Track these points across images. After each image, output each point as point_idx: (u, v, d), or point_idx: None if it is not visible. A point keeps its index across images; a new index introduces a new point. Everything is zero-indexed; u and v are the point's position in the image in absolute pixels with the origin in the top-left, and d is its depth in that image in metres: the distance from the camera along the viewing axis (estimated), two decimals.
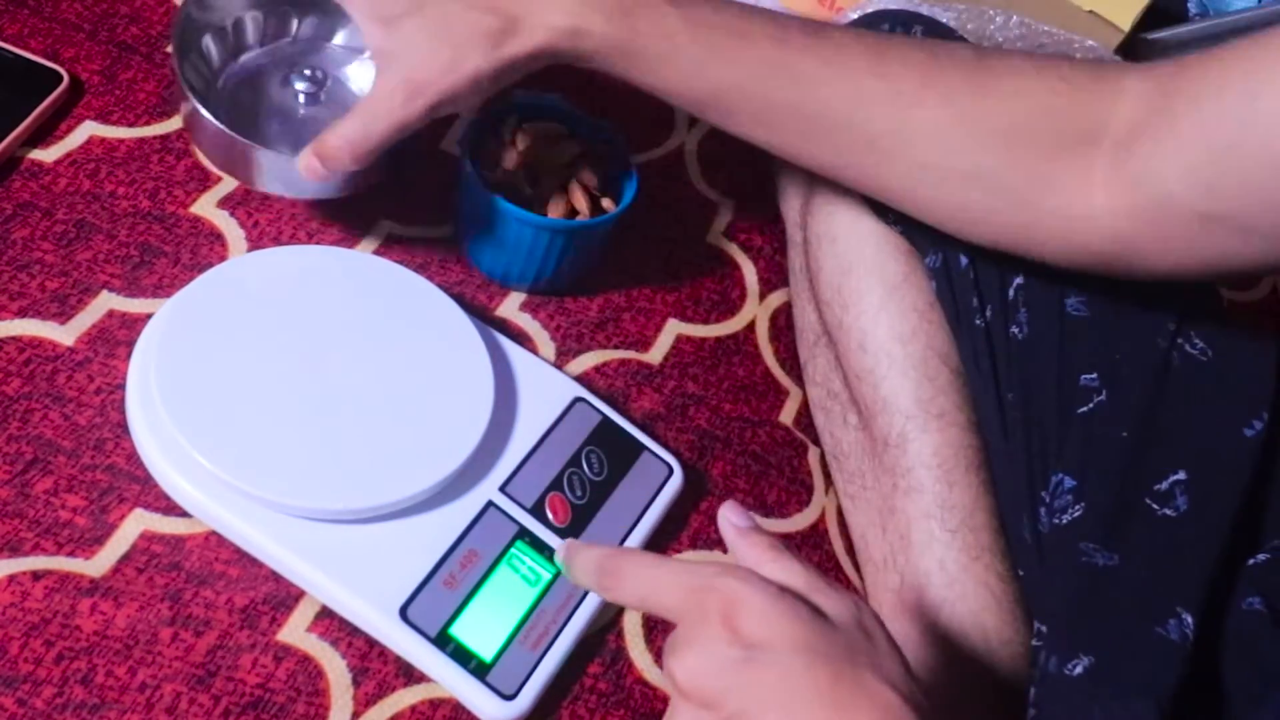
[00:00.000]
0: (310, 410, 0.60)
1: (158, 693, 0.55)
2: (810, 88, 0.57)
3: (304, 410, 0.59)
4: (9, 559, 0.57)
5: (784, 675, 0.39)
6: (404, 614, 0.57)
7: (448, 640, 0.57)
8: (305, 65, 0.72)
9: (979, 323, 0.66)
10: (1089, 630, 0.57)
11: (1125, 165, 0.55)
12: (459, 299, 0.67)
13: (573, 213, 0.72)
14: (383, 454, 0.59)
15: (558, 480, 0.64)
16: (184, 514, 0.59)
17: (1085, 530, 0.60)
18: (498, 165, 0.72)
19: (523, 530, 0.62)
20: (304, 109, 0.72)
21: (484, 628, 0.58)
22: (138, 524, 0.59)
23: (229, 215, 0.73)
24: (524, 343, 0.71)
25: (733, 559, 0.46)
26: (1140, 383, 0.63)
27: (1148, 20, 0.96)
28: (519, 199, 0.70)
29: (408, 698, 0.58)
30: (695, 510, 0.70)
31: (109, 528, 0.59)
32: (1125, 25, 0.93)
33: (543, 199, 0.72)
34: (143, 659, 0.55)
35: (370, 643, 0.59)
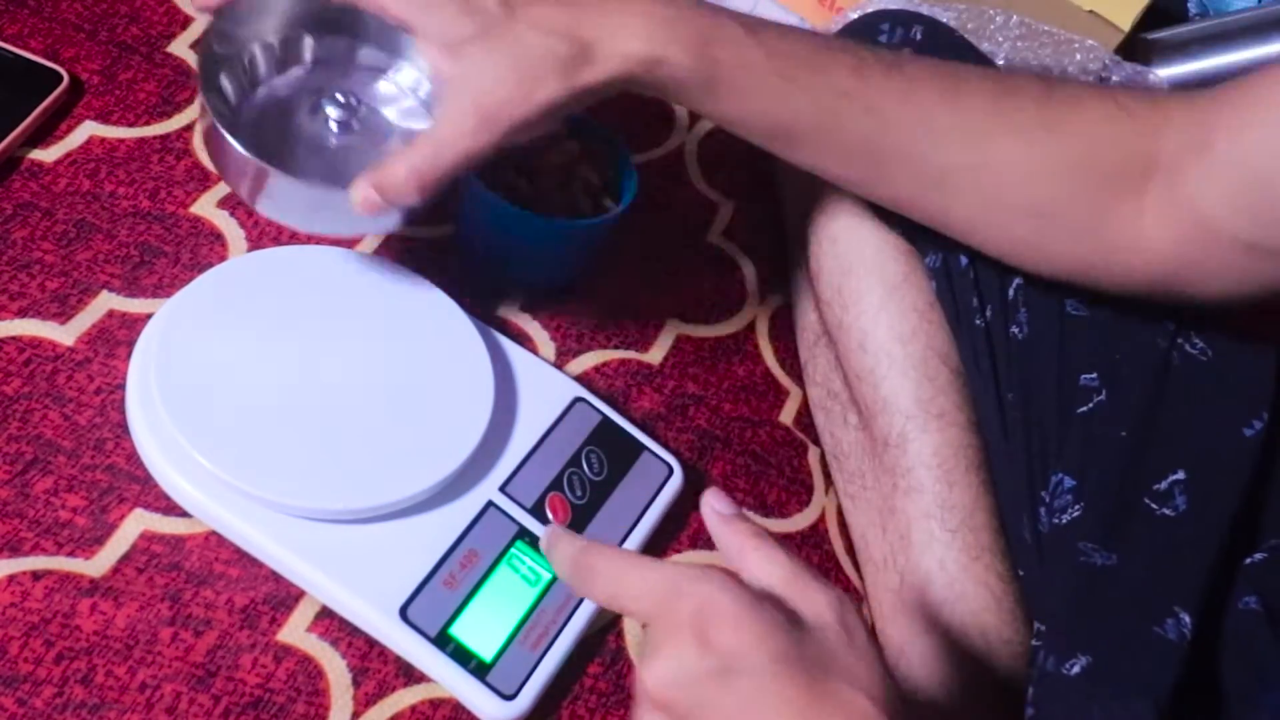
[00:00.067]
0: (310, 410, 0.60)
1: (158, 693, 0.55)
2: (884, 121, 0.56)
3: (304, 410, 0.59)
4: (9, 559, 0.57)
5: (756, 688, 0.38)
6: (404, 614, 0.57)
7: (448, 640, 0.57)
8: (333, 90, 0.63)
9: (979, 323, 0.66)
10: (1087, 630, 0.58)
11: (1173, 195, 0.56)
12: (459, 299, 0.67)
13: (573, 213, 0.73)
14: (383, 454, 0.59)
15: (558, 480, 0.64)
16: (184, 514, 0.59)
17: (1085, 530, 0.60)
18: (497, 165, 0.72)
19: (523, 530, 0.62)
20: (337, 138, 0.64)
21: (484, 628, 0.58)
22: (138, 524, 0.59)
23: (229, 215, 0.73)
24: (524, 343, 0.71)
25: (718, 549, 0.45)
26: (1140, 383, 0.63)
27: (1148, 20, 0.96)
28: (519, 199, 0.70)
29: (408, 698, 0.58)
30: (695, 510, 0.70)
31: (109, 528, 0.59)
32: (1125, 25, 0.93)
33: (542, 199, 0.72)
34: (143, 659, 0.55)
35: (370, 643, 0.59)
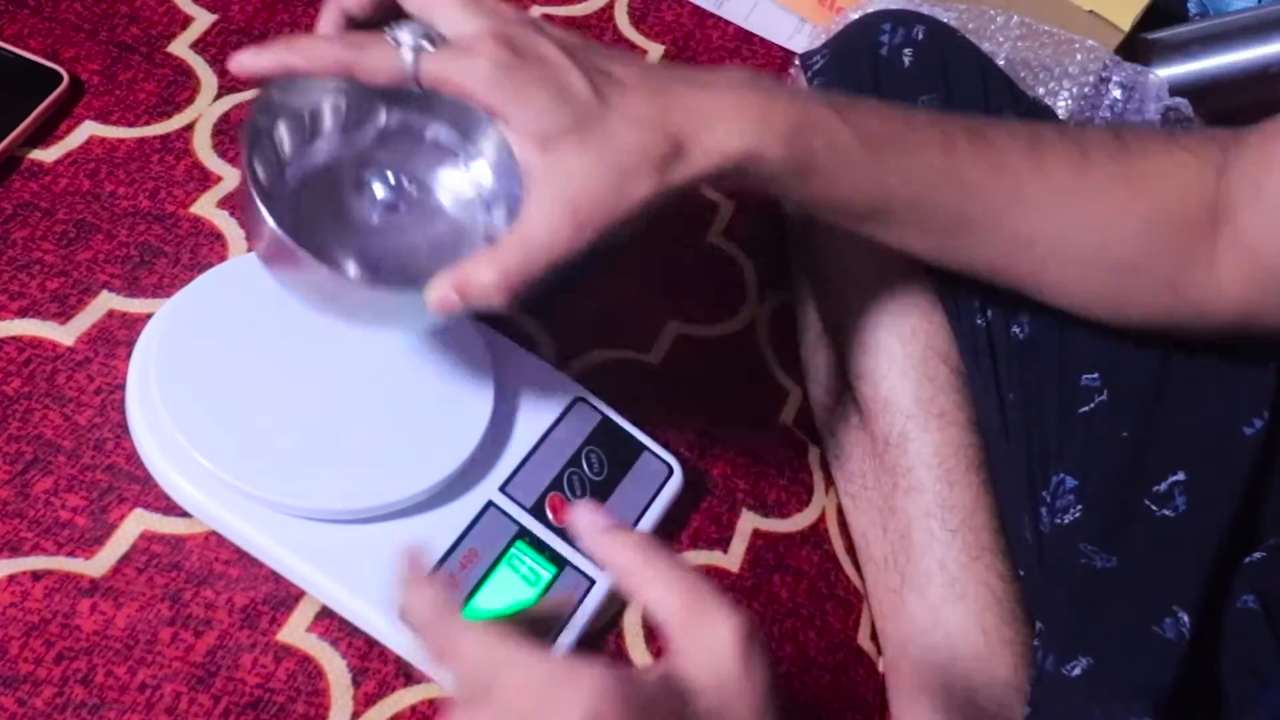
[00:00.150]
0: (310, 410, 0.60)
1: (158, 693, 0.55)
2: (976, 195, 0.56)
3: (304, 410, 0.59)
4: (9, 559, 0.57)
5: None
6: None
7: None
8: (385, 166, 0.58)
9: (980, 322, 0.66)
10: (1087, 631, 0.58)
11: (1239, 237, 0.56)
12: None
13: None
14: (383, 454, 0.59)
15: (558, 480, 0.64)
16: (184, 514, 0.59)
17: (1085, 531, 0.60)
18: None
19: (523, 530, 0.62)
20: (379, 219, 0.58)
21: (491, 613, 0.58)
22: (138, 524, 0.59)
23: (229, 215, 0.73)
24: (524, 342, 0.71)
25: (604, 569, 0.41)
26: (1141, 382, 0.63)
27: (1148, 20, 0.96)
28: None
29: (408, 698, 0.58)
30: (695, 510, 0.70)
31: (109, 528, 0.59)
32: (1125, 25, 0.94)
33: None
34: (143, 659, 0.55)
35: (370, 643, 0.59)
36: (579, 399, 0.67)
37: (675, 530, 0.69)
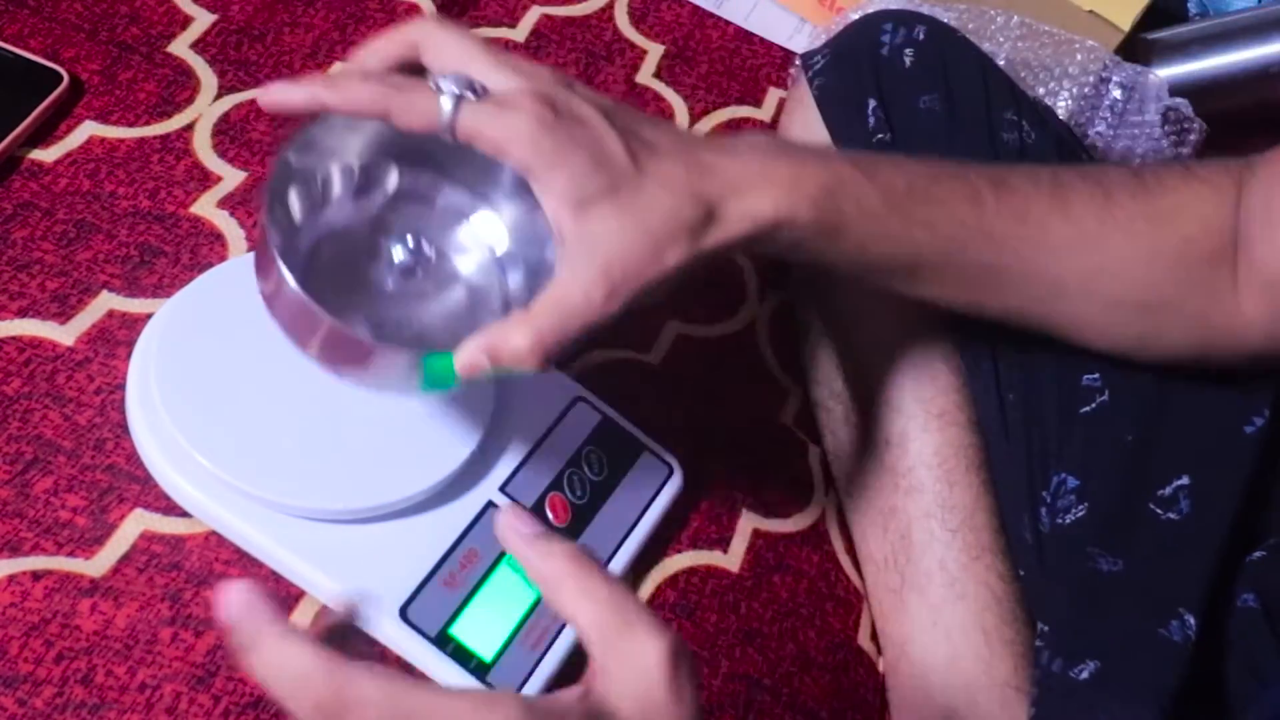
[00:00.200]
0: (310, 410, 0.60)
1: (158, 693, 0.55)
2: (1004, 245, 0.56)
3: (304, 410, 0.59)
4: (9, 559, 0.57)
5: None
6: (404, 614, 0.57)
7: (448, 640, 0.57)
8: (402, 229, 0.56)
9: (980, 322, 0.66)
10: (1094, 634, 0.58)
11: (1256, 265, 0.56)
12: None
13: None
14: (383, 454, 0.59)
15: (558, 480, 0.64)
16: (184, 514, 0.59)
17: (1090, 534, 0.60)
18: None
19: None
20: (393, 284, 0.56)
21: (484, 628, 0.58)
22: (138, 524, 0.59)
23: (229, 215, 0.73)
24: None
25: (530, 577, 0.40)
26: (1141, 382, 0.63)
27: (1148, 20, 0.96)
28: None
29: None
30: (695, 510, 0.70)
31: (109, 528, 0.59)
32: (1125, 25, 0.94)
33: None
34: (143, 659, 0.55)
35: (370, 642, 0.58)
36: (579, 399, 0.67)
37: (675, 530, 0.69)
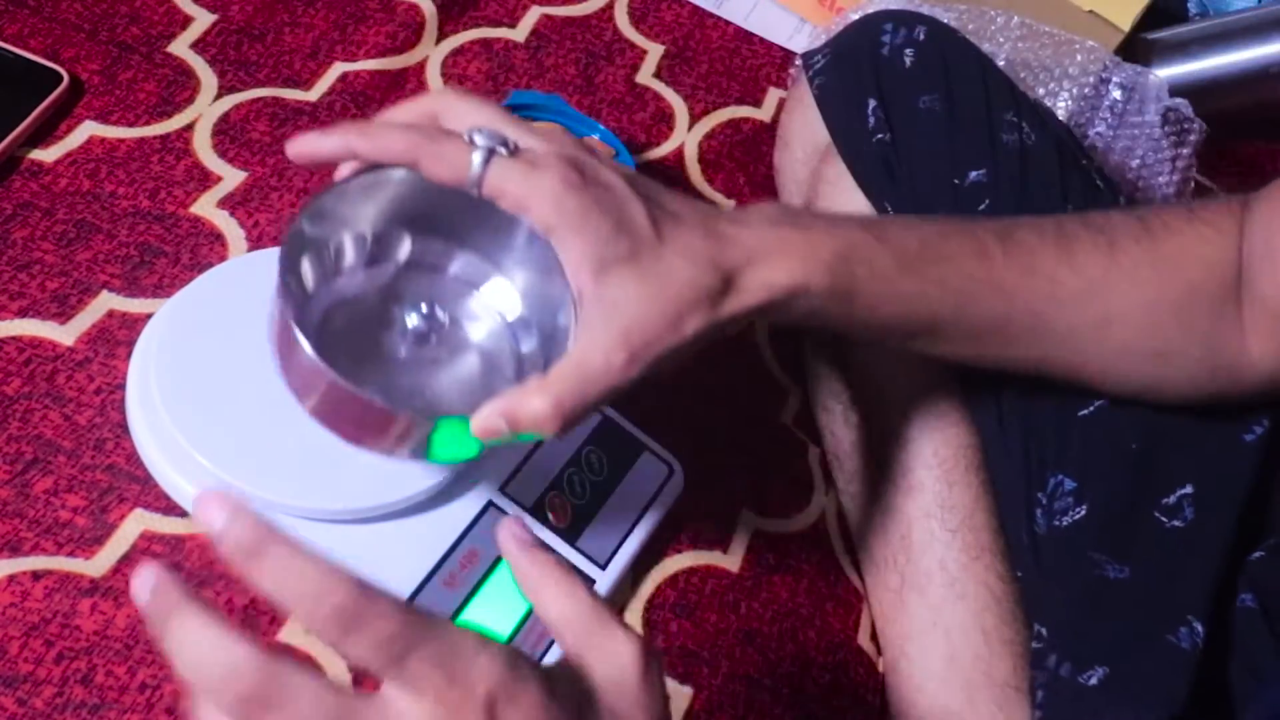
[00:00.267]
0: None
1: (158, 693, 0.55)
2: (1015, 298, 0.56)
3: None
4: (9, 559, 0.57)
5: None
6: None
7: None
8: (414, 298, 0.56)
9: None
10: (1103, 640, 0.58)
11: (1259, 300, 0.57)
12: None
13: None
14: None
15: (558, 480, 0.64)
16: (184, 514, 0.59)
17: (1093, 540, 0.60)
18: None
19: None
20: (406, 352, 0.56)
21: (484, 628, 0.58)
22: (138, 524, 0.59)
23: (229, 215, 0.73)
24: None
25: (517, 578, 0.42)
26: None
27: (1148, 20, 0.96)
28: None
29: None
30: (695, 510, 0.70)
31: (109, 528, 0.59)
32: (1125, 25, 0.94)
33: None
34: (143, 659, 0.55)
35: None
36: None
37: (675, 530, 0.69)
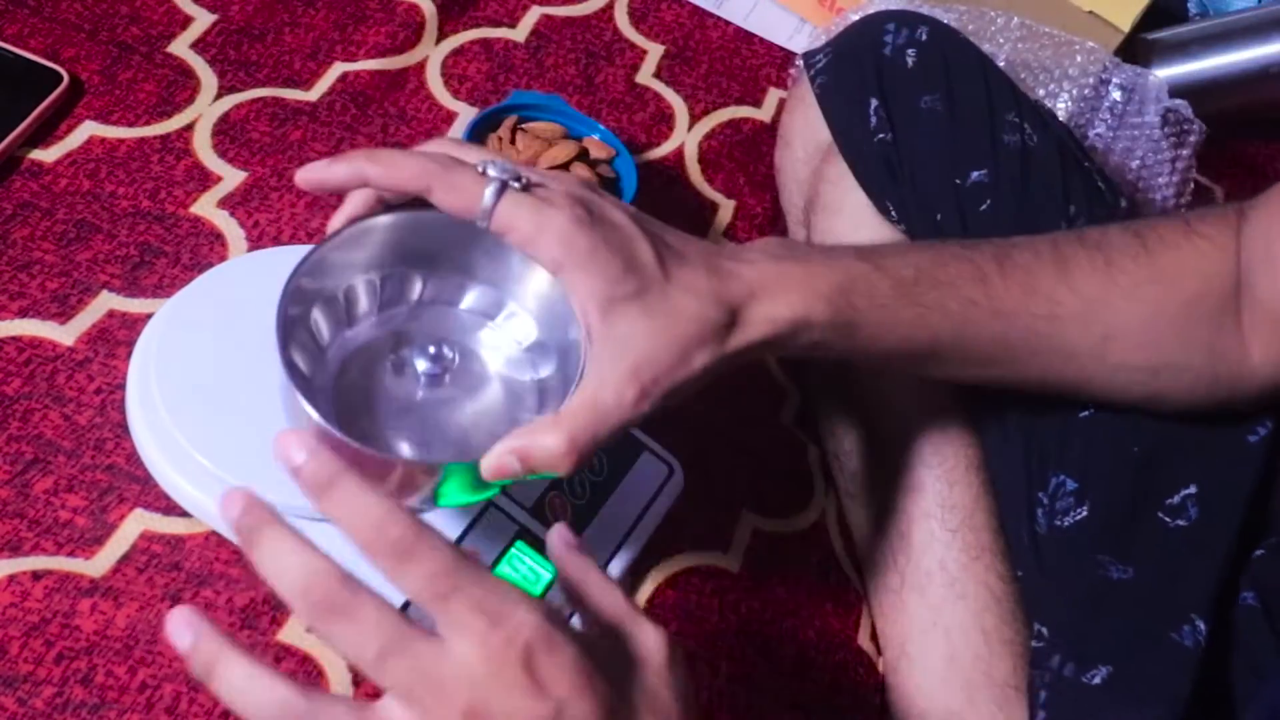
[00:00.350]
0: None
1: (158, 693, 0.55)
2: (1015, 320, 0.56)
3: None
4: (9, 559, 0.57)
5: None
6: (404, 613, 0.57)
7: None
8: (427, 337, 0.56)
9: None
10: (1106, 640, 0.58)
11: (1260, 305, 0.57)
12: None
13: None
14: None
15: (558, 480, 0.64)
16: (184, 514, 0.59)
17: (1096, 540, 0.60)
18: None
19: (523, 530, 0.62)
20: (424, 393, 0.56)
21: None
22: (138, 524, 0.59)
23: (229, 215, 0.73)
24: None
25: (560, 574, 0.45)
26: None
27: (1148, 20, 0.96)
28: None
29: None
30: (695, 510, 0.69)
31: (109, 528, 0.59)
32: (1125, 25, 0.94)
33: None
34: (143, 659, 0.55)
35: None
36: None
37: (675, 530, 0.68)
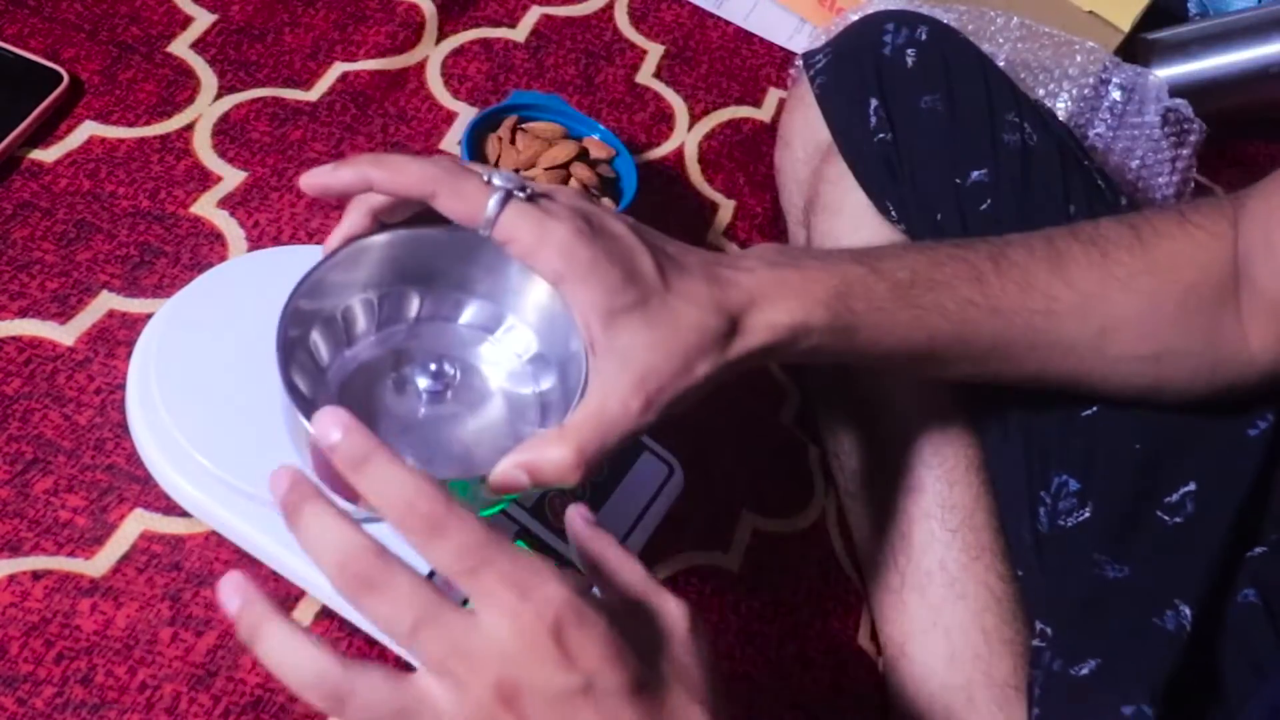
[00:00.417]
0: None
1: (158, 693, 0.55)
2: (1012, 318, 0.57)
3: None
4: (9, 559, 0.57)
5: (611, 710, 0.38)
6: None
7: None
8: (427, 355, 0.56)
9: None
10: (1095, 634, 0.58)
11: (1259, 293, 0.57)
12: None
13: None
14: None
15: None
16: (184, 514, 0.59)
17: (1096, 541, 0.60)
18: (497, 165, 0.72)
19: (523, 530, 0.62)
20: (426, 410, 0.56)
21: None
22: (138, 524, 0.59)
23: (229, 215, 0.73)
24: None
25: (579, 552, 0.46)
26: None
27: (1148, 20, 0.96)
28: None
29: None
30: (695, 510, 0.70)
31: (109, 528, 0.59)
32: (1125, 25, 0.94)
33: None
34: (143, 659, 0.55)
35: (370, 642, 0.58)
36: None
37: (675, 530, 0.68)
